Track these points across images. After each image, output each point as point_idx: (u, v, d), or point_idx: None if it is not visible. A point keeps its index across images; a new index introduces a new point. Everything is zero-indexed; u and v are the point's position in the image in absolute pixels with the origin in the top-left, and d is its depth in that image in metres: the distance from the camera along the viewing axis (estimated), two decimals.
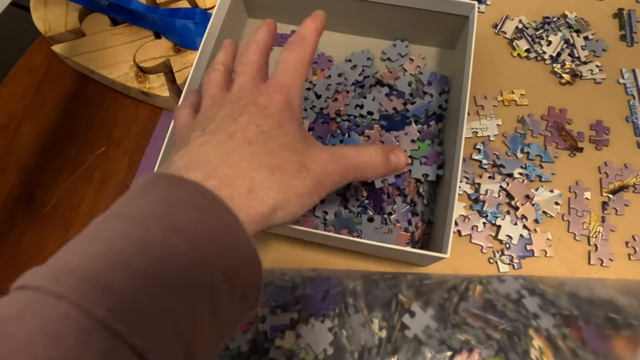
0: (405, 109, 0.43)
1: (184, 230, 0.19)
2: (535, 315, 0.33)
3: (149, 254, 0.18)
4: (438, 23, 0.44)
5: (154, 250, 0.18)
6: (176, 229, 0.19)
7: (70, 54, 0.48)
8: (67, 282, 0.17)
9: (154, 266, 0.18)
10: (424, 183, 0.40)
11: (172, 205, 0.20)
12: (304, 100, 0.45)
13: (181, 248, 0.19)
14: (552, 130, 0.44)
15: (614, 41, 0.48)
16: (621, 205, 0.41)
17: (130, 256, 0.18)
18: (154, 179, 0.22)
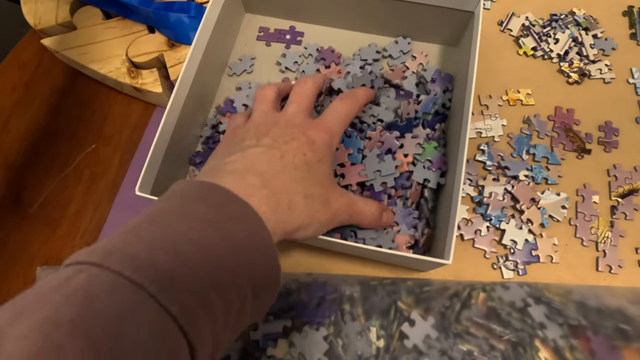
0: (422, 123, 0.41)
1: (233, 241, 0.22)
2: (542, 325, 0.31)
3: (201, 252, 0.21)
4: (442, 19, 0.42)
5: (207, 251, 0.21)
6: (228, 239, 0.22)
7: (61, 48, 0.46)
8: (117, 259, 0.19)
9: (203, 265, 0.20)
10: (427, 187, 0.38)
11: (226, 217, 0.23)
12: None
13: (228, 256, 0.22)
14: (559, 131, 0.42)
15: (623, 40, 0.46)
16: (631, 209, 0.39)
17: (187, 252, 0.21)
18: (210, 187, 0.25)
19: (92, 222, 0.43)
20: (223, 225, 0.22)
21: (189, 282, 0.19)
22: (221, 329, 0.21)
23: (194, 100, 0.41)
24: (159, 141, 0.36)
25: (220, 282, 0.21)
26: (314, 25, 0.48)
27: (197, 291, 0.19)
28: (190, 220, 0.22)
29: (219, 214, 0.23)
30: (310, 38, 0.48)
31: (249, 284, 0.22)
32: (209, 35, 0.41)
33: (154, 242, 0.20)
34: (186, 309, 0.19)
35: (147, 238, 0.20)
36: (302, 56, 0.46)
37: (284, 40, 0.47)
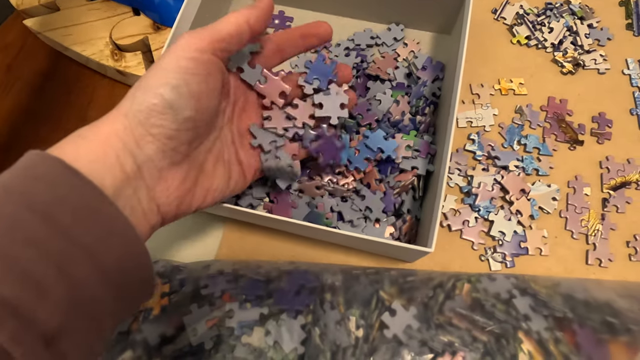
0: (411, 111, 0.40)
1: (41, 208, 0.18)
2: (526, 316, 0.30)
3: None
4: (434, 6, 0.41)
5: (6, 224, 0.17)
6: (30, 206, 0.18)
7: (43, 29, 0.45)
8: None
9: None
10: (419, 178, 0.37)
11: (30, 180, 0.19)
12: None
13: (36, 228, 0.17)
14: (551, 122, 0.41)
15: (619, 30, 0.45)
16: (622, 202, 0.38)
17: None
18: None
19: None
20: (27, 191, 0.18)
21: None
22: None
23: None
24: None
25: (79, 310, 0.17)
26: (304, 10, 0.47)
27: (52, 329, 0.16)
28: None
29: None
30: (300, 23, 0.46)
31: (92, 261, 0.18)
32: (192, 17, 0.40)
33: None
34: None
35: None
36: None
37: (273, 25, 0.46)
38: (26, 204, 0.18)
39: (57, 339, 0.16)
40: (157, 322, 0.31)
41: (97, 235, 0.18)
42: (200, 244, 0.38)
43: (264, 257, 0.37)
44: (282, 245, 0.37)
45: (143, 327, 0.31)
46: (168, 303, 0.32)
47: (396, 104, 0.40)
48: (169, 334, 0.30)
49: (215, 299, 0.32)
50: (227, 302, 0.31)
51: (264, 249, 0.37)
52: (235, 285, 0.33)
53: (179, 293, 0.33)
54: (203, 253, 0.37)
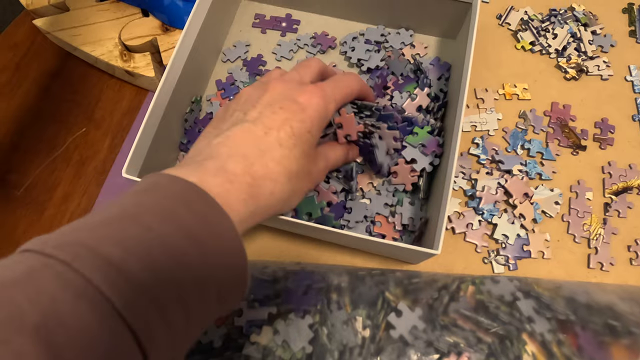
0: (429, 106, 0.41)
1: (205, 251, 0.21)
2: (530, 319, 0.31)
3: (173, 263, 0.19)
4: (440, 10, 0.42)
5: (179, 261, 0.20)
6: (201, 251, 0.21)
7: (53, 29, 0.45)
8: (88, 261, 0.18)
9: (174, 277, 0.19)
10: (422, 175, 0.38)
11: (202, 225, 0.21)
12: None
13: (198, 266, 0.20)
14: (554, 127, 0.42)
15: (622, 37, 0.46)
16: (624, 207, 0.39)
17: (160, 262, 0.19)
18: (192, 190, 0.22)
19: (79, 206, 0.42)
20: (199, 234, 0.21)
21: (156, 294, 0.18)
22: (181, 337, 0.20)
23: (186, 84, 0.40)
24: (148, 124, 0.35)
25: (187, 294, 0.20)
26: (311, 14, 0.47)
27: (163, 303, 0.19)
28: (168, 224, 0.20)
29: (197, 222, 0.21)
30: (307, 26, 0.47)
31: (215, 291, 0.21)
32: (202, 19, 0.40)
33: (129, 244, 0.19)
34: (149, 324, 0.18)
35: (122, 238, 0.19)
36: (296, 45, 0.46)
37: (280, 28, 0.47)
38: (178, 228, 0.21)
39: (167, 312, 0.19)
40: None
41: (219, 264, 0.21)
42: None
43: (269, 257, 0.38)
44: (288, 246, 0.38)
45: None
46: None
47: (411, 99, 0.40)
48: None
49: None
50: None
51: (269, 249, 0.38)
52: None
53: None
54: None
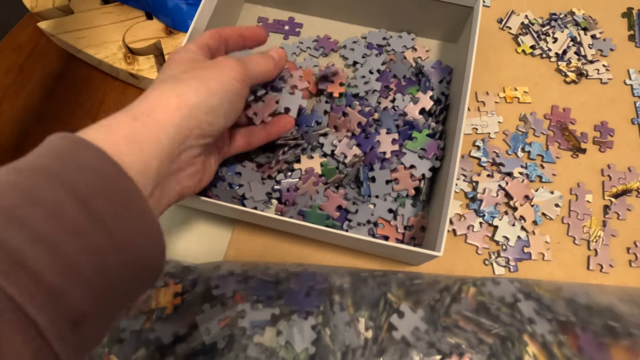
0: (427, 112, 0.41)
1: (79, 194, 0.18)
2: (531, 320, 0.31)
3: (40, 210, 0.17)
4: (442, 14, 0.42)
5: (44, 208, 0.17)
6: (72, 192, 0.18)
7: (57, 32, 0.46)
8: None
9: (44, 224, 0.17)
10: (423, 178, 0.38)
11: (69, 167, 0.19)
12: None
13: (72, 214, 0.18)
14: (554, 130, 0.42)
15: (622, 41, 0.46)
16: (623, 209, 0.39)
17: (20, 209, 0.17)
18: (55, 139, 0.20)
19: None
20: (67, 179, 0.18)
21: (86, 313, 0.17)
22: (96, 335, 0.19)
23: None
24: None
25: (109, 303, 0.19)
26: (313, 17, 0.48)
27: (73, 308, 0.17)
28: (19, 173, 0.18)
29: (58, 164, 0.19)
30: (309, 29, 0.47)
31: (130, 285, 0.20)
32: (206, 22, 0.41)
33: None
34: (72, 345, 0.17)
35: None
36: (299, 48, 0.46)
37: (283, 31, 0.47)
38: (71, 192, 0.18)
39: (82, 323, 0.17)
40: (170, 321, 0.32)
41: (129, 231, 0.19)
42: (210, 245, 0.39)
43: (272, 258, 0.38)
44: (290, 247, 0.38)
45: (156, 326, 0.32)
46: (181, 303, 0.33)
47: (413, 102, 0.41)
48: (182, 332, 0.31)
49: (227, 299, 0.33)
50: (239, 303, 0.32)
51: (272, 250, 0.38)
52: (246, 285, 0.34)
53: (191, 293, 0.34)
54: (212, 254, 0.38)
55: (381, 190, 0.38)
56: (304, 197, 0.37)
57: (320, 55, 0.46)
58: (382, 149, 0.39)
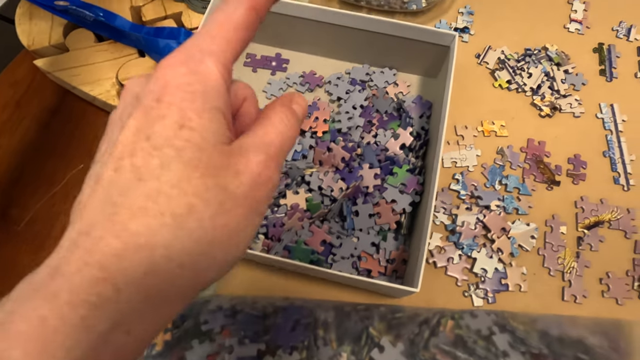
0: (408, 147, 0.43)
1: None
2: (505, 353, 0.33)
3: None
4: (422, 52, 0.44)
5: None
6: None
7: (53, 69, 0.47)
8: None
9: None
10: (404, 213, 0.40)
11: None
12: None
13: None
14: (530, 163, 0.44)
15: (593, 75, 0.48)
16: (596, 241, 0.41)
17: None
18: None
19: None
20: None
21: None
22: None
23: None
24: None
25: None
26: (300, 53, 0.50)
27: None
28: None
29: None
30: (296, 65, 0.49)
31: None
32: None
33: None
34: None
35: None
36: (286, 83, 0.48)
37: (270, 67, 0.49)
38: None
39: None
40: (161, 357, 0.33)
41: None
42: None
43: (260, 292, 0.39)
44: (278, 281, 0.40)
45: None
46: (170, 338, 0.34)
47: (394, 138, 0.42)
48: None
49: (215, 334, 0.34)
50: (226, 338, 0.33)
51: (260, 284, 0.40)
52: (234, 320, 0.35)
53: (181, 328, 0.35)
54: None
55: (364, 223, 0.40)
56: (290, 233, 0.39)
57: (306, 91, 0.48)
58: (365, 184, 0.41)
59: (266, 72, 0.49)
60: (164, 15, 0.50)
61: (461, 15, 0.52)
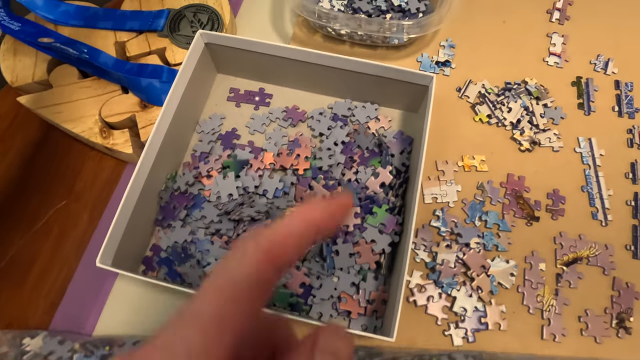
0: (389, 186, 0.43)
1: None
2: None
3: None
4: (403, 89, 0.45)
5: None
6: None
7: (36, 107, 0.47)
8: None
9: None
10: (384, 253, 0.40)
11: None
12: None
13: None
14: (510, 198, 0.45)
15: (572, 109, 0.49)
16: (575, 278, 0.41)
17: None
18: None
19: (57, 281, 0.43)
20: None
21: None
22: None
23: (163, 160, 0.42)
24: (122, 211, 0.37)
25: None
26: (283, 88, 0.50)
27: None
28: None
29: None
30: (279, 100, 0.50)
31: None
32: (179, 97, 0.43)
33: None
34: None
35: None
36: (269, 119, 0.48)
37: (253, 102, 0.50)
38: None
39: None
40: None
41: None
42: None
43: None
44: None
45: None
46: None
47: (374, 176, 0.43)
48: None
49: None
50: None
51: None
52: None
53: None
54: None
55: (344, 263, 0.40)
56: None
57: (289, 126, 0.48)
58: (345, 222, 0.41)
59: (249, 107, 0.49)
60: (148, 51, 0.50)
61: (443, 49, 0.52)
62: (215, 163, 0.45)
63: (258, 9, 0.56)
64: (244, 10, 0.56)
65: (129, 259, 0.40)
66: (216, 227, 0.41)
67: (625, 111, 0.49)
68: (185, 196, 0.44)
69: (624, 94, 0.49)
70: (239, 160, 0.45)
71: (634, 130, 0.48)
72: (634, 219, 0.44)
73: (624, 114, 0.48)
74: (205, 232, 0.42)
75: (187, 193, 0.44)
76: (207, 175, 0.44)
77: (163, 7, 0.52)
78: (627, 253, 0.42)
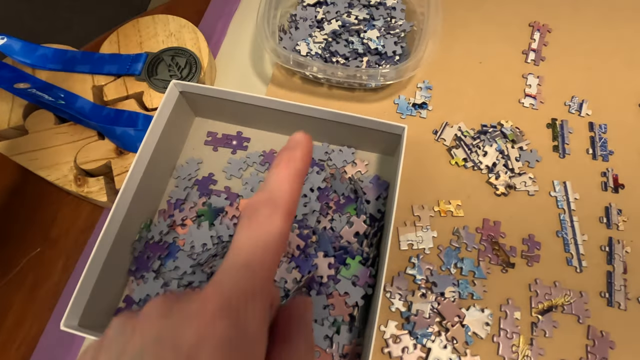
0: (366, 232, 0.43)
1: None
2: None
3: None
4: (378, 135, 0.45)
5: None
6: None
7: (11, 153, 0.47)
8: None
9: None
10: (357, 306, 0.40)
11: None
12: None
13: None
14: (486, 245, 0.45)
15: (547, 152, 0.49)
16: (550, 326, 0.41)
17: None
18: None
19: (29, 333, 0.43)
20: None
21: None
22: None
23: (138, 208, 0.42)
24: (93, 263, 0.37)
25: None
26: (261, 131, 0.50)
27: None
28: None
29: None
30: (256, 143, 0.50)
31: None
32: (154, 144, 0.43)
33: None
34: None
35: None
36: (246, 163, 0.48)
37: (231, 146, 0.50)
38: None
39: None
40: None
41: None
42: None
43: None
44: None
45: None
46: None
47: (348, 225, 0.43)
48: None
49: None
50: None
51: None
52: None
53: None
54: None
55: (318, 315, 0.40)
56: None
57: (266, 170, 0.48)
58: (319, 273, 0.41)
59: (227, 151, 0.49)
60: (125, 95, 0.50)
61: (420, 90, 0.53)
62: (190, 211, 0.45)
63: (238, 51, 0.56)
64: (223, 52, 0.56)
65: (100, 314, 0.39)
66: (189, 279, 0.41)
67: (600, 154, 0.49)
68: (160, 245, 0.43)
69: (597, 136, 0.50)
70: (214, 208, 0.45)
71: (608, 173, 0.48)
72: (608, 264, 0.44)
73: (598, 157, 0.49)
74: (179, 284, 0.41)
75: (162, 242, 0.44)
76: (182, 224, 0.44)
77: (141, 51, 0.52)
78: (602, 300, 0.42)
